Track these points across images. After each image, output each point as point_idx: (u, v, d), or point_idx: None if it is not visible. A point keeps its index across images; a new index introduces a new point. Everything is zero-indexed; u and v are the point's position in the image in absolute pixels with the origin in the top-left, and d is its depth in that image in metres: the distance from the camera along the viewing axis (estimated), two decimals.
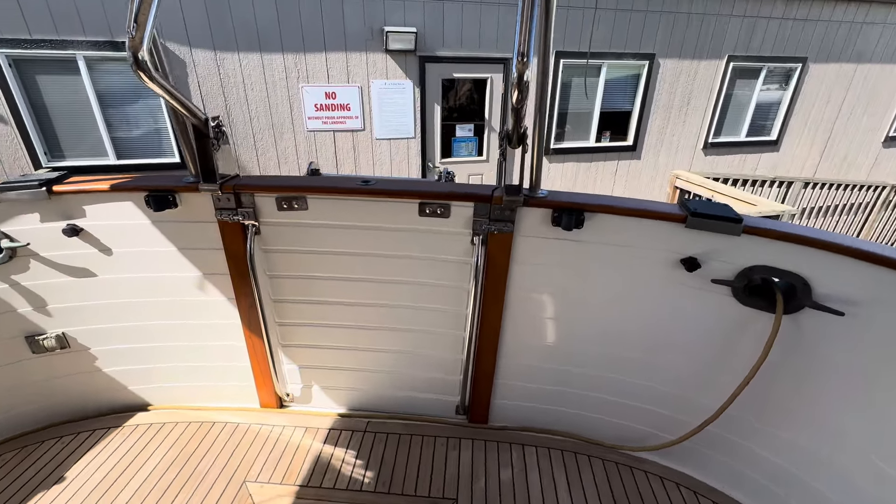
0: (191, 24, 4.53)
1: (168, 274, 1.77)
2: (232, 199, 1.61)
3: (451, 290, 1.76)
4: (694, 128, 6.57)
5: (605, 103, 6.06)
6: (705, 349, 1.66)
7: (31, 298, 1.75)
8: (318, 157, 5.41)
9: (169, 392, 2.03)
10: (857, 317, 1.35)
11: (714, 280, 1.51)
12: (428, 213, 1.62)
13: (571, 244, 1.60)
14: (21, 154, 4.69)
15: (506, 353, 1.87)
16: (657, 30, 5.77)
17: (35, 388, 1.88)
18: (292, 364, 1.98)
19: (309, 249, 1.73)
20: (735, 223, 1.40)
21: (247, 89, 4.91)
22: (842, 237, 1.37)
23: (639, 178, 6.69)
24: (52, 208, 1.62)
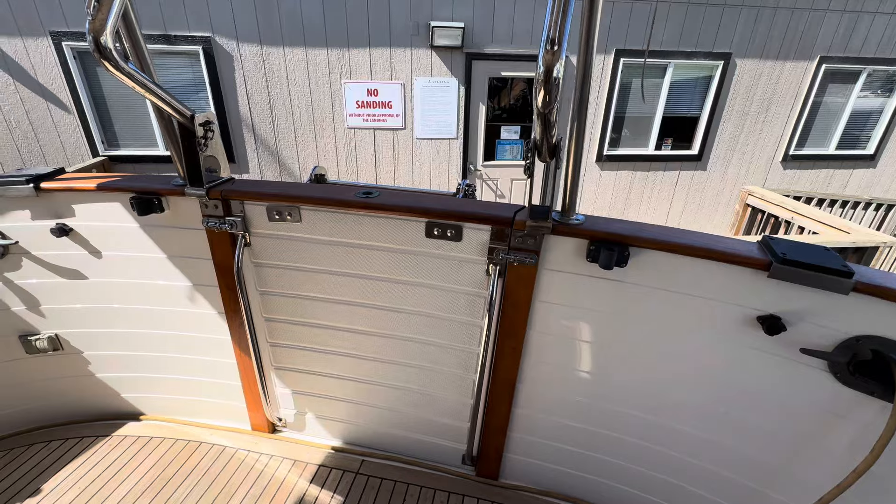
0: (239, 17, 4.54)
1: (157, 282, 1.63)
2: (220, 205, 1.44)
3: (462, 326, 1.49)
4: (772, 137, 5.83)
5: (668, 107, 5.49)
6: (787, 435, 1.27)
7: (25, 297, 1.68)
8: (357, 156, 5.30)
9: (161, 403, 1.92)
10: None
11: (804, 350, 1.13)
12: (437, 234, 1.35)
13: (611, 285, 1.28)
14: (82, 143, 4.93)
15: (522, 404, 1.57)
16: (736, 26, 5.13)
17: (29, 389, 1.83)
18: (286, 388, 1.79)
19: (303, 266, 1.53)
20: (842, 277, 1.03)
21: (290, 85, 4.87)
22: None
23: (703, 191, 6.04)
24: (41, 206, 1.52)
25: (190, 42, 4.56)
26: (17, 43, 4.40)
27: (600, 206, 5.95)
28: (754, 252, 1.13)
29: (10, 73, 4.50)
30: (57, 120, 4.77)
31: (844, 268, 1.04)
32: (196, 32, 4.55)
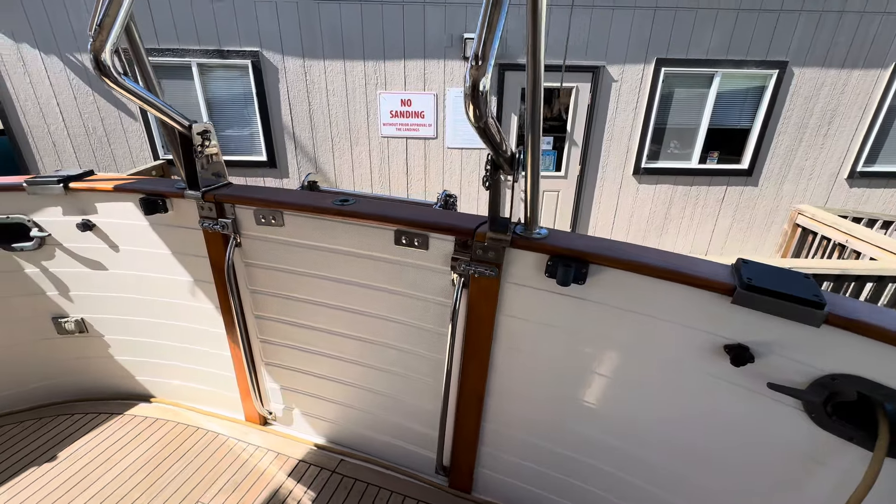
0: (285, 33, 4.85)
1: (163, 275, 1.78)
2: (214, 208, 1.55)
3: (431, 335, 1.50)
4: (836, 152, 5.32)
5: (714, 118, 5.19)
6: (757, 476, 1.17)
7: (57, 284, 1.89)
8: (390, 164, 5.45)
9: (168, 388, 2.08)
10: None
11: (772, 385, 1.03)
12: (405, 242, 1.38)
13: (573, 302, 1.24)
14: (146, 147, 5.46)
15: (492, 419, 1.54)
16: (793, 32, 4.77)
17: (58, 366, 2.05)
18: (275, 383, 1.88)
19: (287, 268, 1.61)
20: (812, 308, 0.94)
21: (329, 95, 5.12)
22: None
23: (753, 208, 5.62)
24: (70, 203, 1.71)
25: (240, 56, 4.93)
26: None
27: (637, 221, 5.70)
28: (720, 276, 1.05)
29: (90, 84, 5.09)
30: (126, 127, 5.31)
31: (816, 297, 0.94)
32: (246, 47, 4.92)
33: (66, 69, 5.00)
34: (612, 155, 5.37)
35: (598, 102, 5.11)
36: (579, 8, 4.71)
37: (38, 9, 4.75)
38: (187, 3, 4.73)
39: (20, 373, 2.01)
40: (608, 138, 5.28)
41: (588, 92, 5.07)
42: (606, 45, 4.87)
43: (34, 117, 5.22)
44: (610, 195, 5.58)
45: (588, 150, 5.34)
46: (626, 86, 5.03)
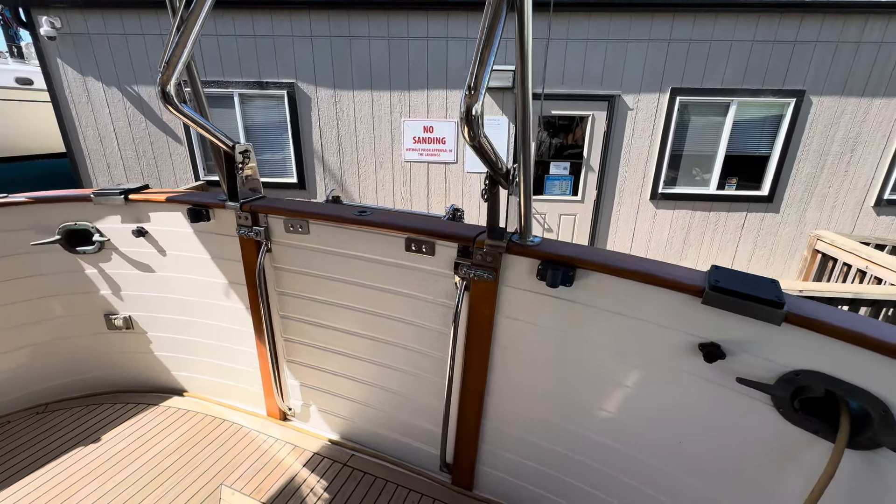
0: (318, 66, 5.26)
1: (203, 278, 2.00)
2: (249, 217, 1.77)
3: (436, 334, 1.64)
4: (861, 180, 5.26)
5: (732, 145, 5.24)
6: (735, 472, 1.23)
7: (111, 283, 2.14)
8: (412, 187, 5.71)
9: (198, 383, 2.27)
10: None
11: (740, 380, 1.12)
12: (413, 249, 1.55)
13: (562, 304, 1.37)
14: (189, 169, 5.91)
15: (491, 416, 1.65)
16: (809, 63, 4.84)
17: (107, 359, 2.27)
18: (295, 380, 2.05)
19: (311, 272, 1.79)
20: (772, 308, 1.04)
21: (356, 123, 5.47)
22: None
23: (775, 235, 5.56)
24: (128, 212, 1.97)
25: (278, 87, 5.36)
26: (151, 90, 5.50)
27: (655, 245, 5.72)
28: (692, 279, 1.17)
29: (143, 112, 5.61)
30: (172, 150, 5.79)
31: (776, 298, 1.05)
32: (283, 79, 5.35)
33: (123, 99, 5.55)
34: (629, 180, 5.46)
35: (613, 130, 5.26)
36: (594, 41, 4.94)
37: (104, 47, 5.33)
38: (233, 40, 5.22)
39: (72, 363, 2.25)
40: (625, 164, 5.40)
41: (604, 120, 5.24)
42: (622, 75, 5.05)
43: (93, 141, 5.77)
44: (627, 219, 5.64)
45: (605, 175, 5.46)
46: (642, 114, 5.17)
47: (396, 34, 5.08)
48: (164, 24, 5.20)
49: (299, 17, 5.08)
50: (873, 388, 0.98)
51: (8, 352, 2.09)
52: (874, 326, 0.99)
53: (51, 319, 2.15)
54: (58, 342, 2.19)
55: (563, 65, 5.07)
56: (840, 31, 4.71)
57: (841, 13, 4.66)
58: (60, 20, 5.21)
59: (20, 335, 2.10)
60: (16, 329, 2.09)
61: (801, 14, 4.68)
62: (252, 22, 5.14)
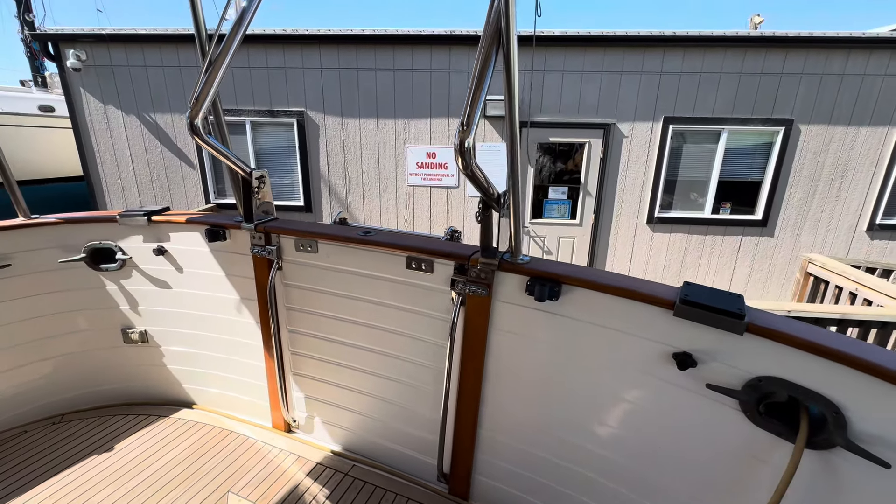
0: (327, 95, 5.54)
1: (216, 294, 2.13)
2: (263, 237, 1.91)
3: (434, 347, 1.75)
4: (853, 205, 5.40)
5: (725, 171, 5.42)
6: (710, 474, 1.32)
7: (129, 299, 2.27)
8: (415, 210, 5.89)
9: (208, 396, 2.37)
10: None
11: (710, 386, 1.23)
12: (413, 266, 1.68)
13: (550, 317, 1.49)
14: (200, 192, 6.13)
15: (487, 426, 1.74)
16: (796, 93, 5.06)
17: (122, 372, 2.38)
18: (300, 392, 2.14)
19: (319, 288, 1.92)
20: (735, 319, 1.15)
21: (362, 149, 5.70)
22: (892, 356, 1.02)
23: (771, 258, 5.67)
24: (150, 232, 2.12)
25: (288, 115, 5.63)
26: (168, 117, 5.78)
27: (653, 268, 5.83)
28: (665, 294, 1.28)
29: (158, 138, 5.87)
30: (185, 174, 6.03)
31: (738, 310, 1.16)
32: (293, 108, 5.61)
33: (141, 126, 5.82)
34: (626, 205, 5.62)
35: (609, 156, 5.46)
36: (589, 73, 5.19)
37: (126, 77, 5.64)
38: (247, 72, 5.52)
39: (89, 376, 2.36)
40: (621, 189, 5.57)
41: (600, 147, 5.44)
42: (616, 104, 5.28)
43: (110, 166, 6.02)
44: (625, 243, 5.77)
45: (602, 199, 5.62)
46: (637, 141, 5.37)
47: (401, 66, 5.36)
48: (183, 57, 5.52)
49: (310, 51, 5.39)
50: (825, 391, 1.08)
51: (29, 363, 2.21)
52: (825, 336, 1.10)
53: (72, 333, 2.28)
54: (76, 355, 2.31)
55: (560, 95, 5.32)
56: (824, 64, 4.95)
57: (823, 48, 4.91)
58: (86, 53, 5.54)
59: (42, 347, 2.23)
60: (39, 342, 2.21)
61: (785, 49, 4.93)
62: (266, 55, 5.44)
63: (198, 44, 1.71)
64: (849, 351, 1.04)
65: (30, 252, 2.11)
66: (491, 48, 1.17)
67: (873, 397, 1.02)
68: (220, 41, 1.49)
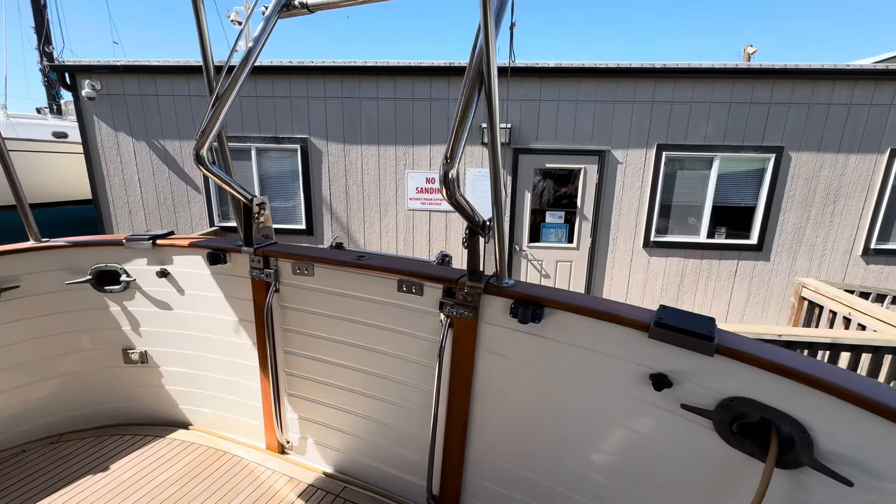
0: (330, 122, 5.73)
1: (215, 315, 2.20)
2: (261, 261, 1.99)
3: (424, 368, 1.79)
4: (846, 230, 5.46)
5: (718, 197, 5.52)
6: (688, 494, 1.35)
7: (131, 319, 2.34)
8: (414, 234, 5.99)
9: (203, 417, 2.40)
10: (872, 491, 1.00)
11: (684, 406, 1.27)
12: (404, 289, 1.75)
13: (534, 339, 1.54)
14: (205, 216, 6.27)
15: (475, 448, 1.77)
16: (785, 122, 5.21)
17: (121, 392, 2.43)
18: (294, 413, 2.18)
19: (314, 310, 1.99)
20: (705, 340, 1.21)
21: (363, 174, 5.85)
22: (857, 379, 1.07)
23: (768, 283, 5.70)
24: (154, 255, 2.21)
25: (292, 142, 5.81)
26: (176, 144, 5.97)
27: (651, 291, 5.86)
28: (640, 316, 1.34)
29: (166, 163, 6.06)
30: (190, 198, 6.18)
31: (708, 332, 1.22)
32: (297, 135, 5.81)
33: (150, 152, 6.02)
34: (622, 229, 5.71)
35: (605, 181, 5.58)
36: (583, 102, 5.37)
37: (137, 106, 5.87)
38: (253, 100, 5.74)
39: (88, 396, 2.40)
40: (617, 213, 5.67)
41: (596, 172, 5.57)
42: (610, 132, 5.44)
43: (118, 190, 6.19)
44: (622, 266, 5.83)
45: (598, 224, 5.72)
46: (631, 167, 5.50)
47: (402, 96, 5.57)
48: (193, 87, 5.75)
49: (315, 82, 5.61)
50: (792, 411, 1.13)
51: (32, 383, 2.26)
52: (790, 357, 1.15)
53: (74, 353, 2.34)
54: (77, 375, 2.36)
55: (555, 122, 5.48)
56: (810, 94, 5.11)
57: (810, 79, 5.08)
58: (101, 82, 5.79)
59: (45, 367, 2.28)
60: (42, 361, 2.27)
61: (773, 80, 5.10)
62: (272, 85, 5.67)
63: (205, 79, 1.84)
64: (812, 372, 1.10)
65: (38, 274, 2.20)
66: (473, 89, 1.28)
67: (837, 417, 1.07)
68: (230, 72, 1.61)
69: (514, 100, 5.42)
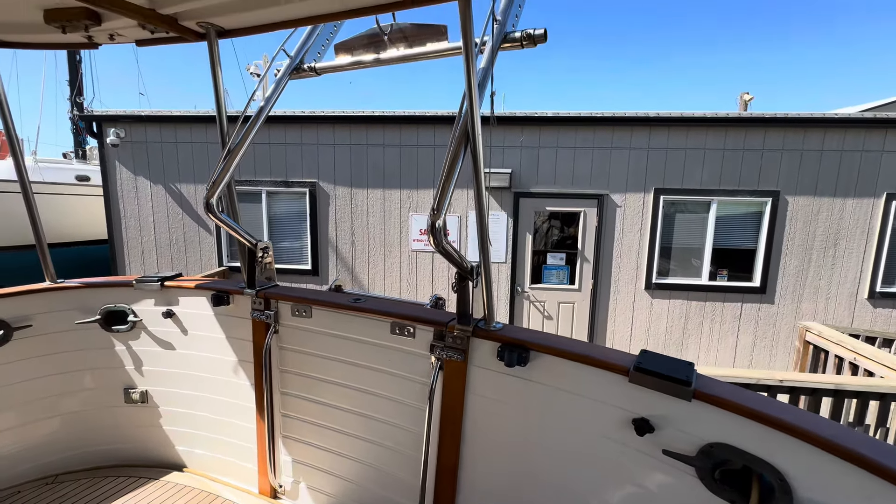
0: (338, 168, 5.98)
1: (215, 355, 2.25)
2: (263, 302, 2.07)
3: (415, 410, 1.82)
4: (850, 273, 5.45)
5: (718, 240, 5.57)
6: None
7: (135, 359, 2.40)
8: (417, 275, 6.07)
9: (197, 459, 2.40)
10: None
11: (666, 452, 1.29)
12: (397, 332, 1.80)
13: (520, 382, 1.57)
14: (214, 255, 6.44)
15: (466, 493, 1.76)
16: (779, 167, 5.34)
17: (119, 432, 2.45)
18: (287, 456, 2.18)
19: (311, 351, 2.04)
20: (682, 385, 1.24)
21: (368, 216, 6.03)
22: (831, 426, 1.10)
23: (774, 326, 5.63)
24: (161, 296, 2.31)
25: (301, 186, 6.05)
26: (191, 187, 6.25)
27: (655, 334, 5.81)
28: (621, 360, 1.38)
29: (181, 206, 6.31)
30: (201, 239, 6.38)
31: (686, 377, 1.26)
32: (307, 179, 6.05)
33: (166, 195, 6.29)
34: (623, 271, 5.75)
35: (604, 224, 5.69)
36: (581, 148, 5.58)
37: (157, 152, 6.20)
38: (266, 147, 6.05)
39: (86, 435, 2.43)
40: (617, 255, 5.73)
41: (595, 215, 5.69)
42: (608, 176, 5.61)
43: (133, 230, 6.42)
44: (624, 308, 5.81)
45: (599, 265, 5.77)
46: (630, 210, 5.62)
47: (407, 143, 5.84)
48: (210, 135, 6.09)
49: (325, 130, 5.92)
50: (770, 458, 1.14)
51: (33, 422, 2.30)
52: (766, 404, 1.18)
53: (76, 392, 2.39)
54: (78, 414, 2.40)
55: (554, 167, 5.68)
56: (802, 141, 5.27)
57: (801, 127, 5.26)
58: (125, 131, 6.16)
59: (47, 406, 2.33)
60: (45, 400, 2.32)
61: (764, 128, 5.29)
62: (284, 133, 5.99)
63: (219, 132, 2.00)
64: (788, 419, 1.12)
65: (50, 314, 2.29)
66: (459, 147, 1.41)
67: (813, 465, 1.08)
68: (245, 122, 1.76)
69: (513, 146, 5.65)
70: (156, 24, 1.66)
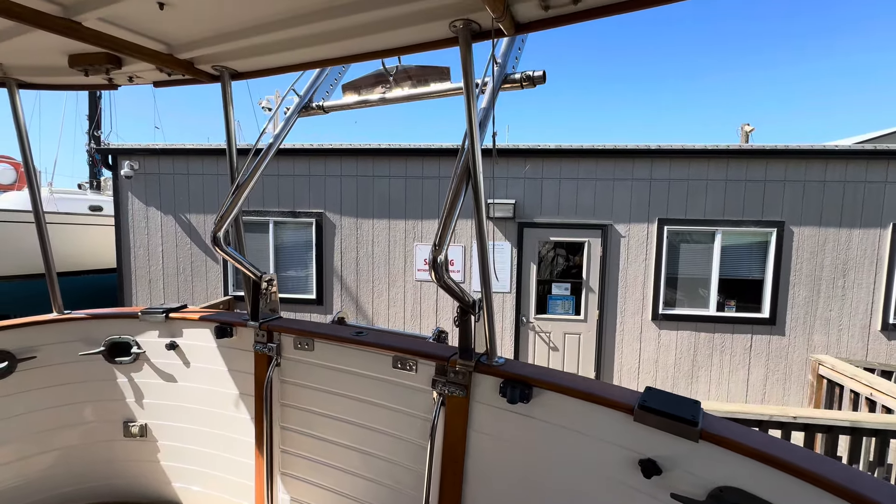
0: (344, 198, 6.09)
1: (217, 388, 2.23)
2: (265, 335, 2.07)
3: (417, 448, 1.77)
4: (861, 304, 5.35)
5: (724, 270, 5.54)
6: None
7: (136, 391, 2.38)
8: (422, 305, 6.05)
9: (195, 496, 2.34)
10: None
11: (674, 496, 1.24)
12: (399, 366, 1.79)
13: (523, 419, 1.54)
14: (220, 285, 6.48)
15: None
16: (782, 198, 5.36)
17: (116, 467, 2.40)
18: (286, 494, 2.12)
19: (312, 385, 2.02)
20: (688, 425, 1.21)
21: (374, 246, 6.08)
22: (848, 471, 1.06)
23: (787, 358, 5.50)
24: (165, 328, 2.31)
25: (308, 216, 6.14)
26: (201, 217, 6.36)
27: (663, 367, 5.68)
28: (626, 398, 1.36)
29: (189, 235, 6.40)
30: (208, 268, 6.44)
31: (692, 417, 1.23)
32: (313, 209, 6.15)
33: (175, 225, 6.40)
34: (629, 301, 5.69)
35: (609, 254, 5.68)
36: (584, 180, 5.65)
37: (169, 183, 6.36)
38: (275, 179, 6.19)
39: (83, 471, 2.38)
40: (623, 286, 5.69)
41: (599, 245, 5.70)
42: (612, 207, 5.65)
43: (141, 260, 6.50)
44: (631, 340, 5.72)
45: (605, 295, 5.72)
46: (634, 240, 5.63)
47: (413, 174, 5.95)
48: (221, 167, 6.26)
49: (332, 162, 6.07)
50: (780, 502, 1.10)
51: (30, 457, 2.27)
52: (776, 445, 1.14)
53: (76, 426, 2.36)
54: (75, 448, 2.36)
55: (558, 198, 5.73)
56: (804, 172, 5.31)
57: (802, 159, 5.31)
58: (139, 163, 6.35)
59: (46, 440, 2.30)
60: (44, 434, 2.29)
61: (765, 159, 5.35)
62: (293, 164, 6.14)
63: (229, 167, 2.06)
64: (799, 462, 1.09)
65: (55, 345, 2.30)
66: (461, 184, 1.44)
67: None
68: (256, 154, 1.82)
69: (517, 177, 5.74)
70: (173, 67, 1.74)
